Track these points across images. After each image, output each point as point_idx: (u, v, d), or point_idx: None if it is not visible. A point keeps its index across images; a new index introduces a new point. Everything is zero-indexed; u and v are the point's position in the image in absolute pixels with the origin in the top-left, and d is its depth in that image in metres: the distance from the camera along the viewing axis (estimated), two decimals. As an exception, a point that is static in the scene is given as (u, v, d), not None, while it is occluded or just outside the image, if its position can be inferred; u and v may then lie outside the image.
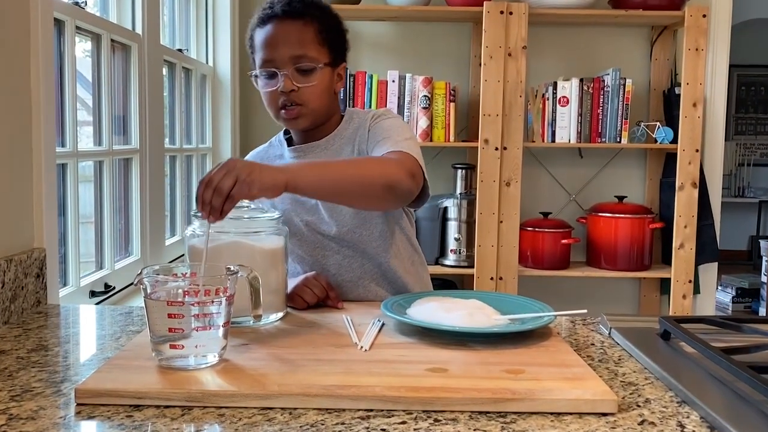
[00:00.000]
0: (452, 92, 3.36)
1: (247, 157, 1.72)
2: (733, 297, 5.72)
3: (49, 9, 1.69)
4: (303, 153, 1.66)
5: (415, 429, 0.93)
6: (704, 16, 3.25)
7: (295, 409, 0.99)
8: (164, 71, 2.81)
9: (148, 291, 1.12)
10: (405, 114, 3.35)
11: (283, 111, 1.58)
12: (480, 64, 3.32)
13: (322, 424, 0.94)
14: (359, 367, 1.11)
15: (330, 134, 1.66)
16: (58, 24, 1.99)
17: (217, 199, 1.17)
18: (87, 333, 1.44)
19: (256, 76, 1.61)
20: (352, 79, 3.34)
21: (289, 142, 1.72)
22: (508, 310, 1.40)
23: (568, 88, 3.38)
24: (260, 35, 1.57)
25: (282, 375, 1.07)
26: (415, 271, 1.73)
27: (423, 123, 3.35)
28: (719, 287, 5.62)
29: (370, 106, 3.31)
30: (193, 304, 1.09)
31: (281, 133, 1.75)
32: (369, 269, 1.66)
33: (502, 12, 3.24)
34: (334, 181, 1.35)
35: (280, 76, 1.54)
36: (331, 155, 1.64)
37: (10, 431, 0.91)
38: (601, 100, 3.38)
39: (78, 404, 1.00)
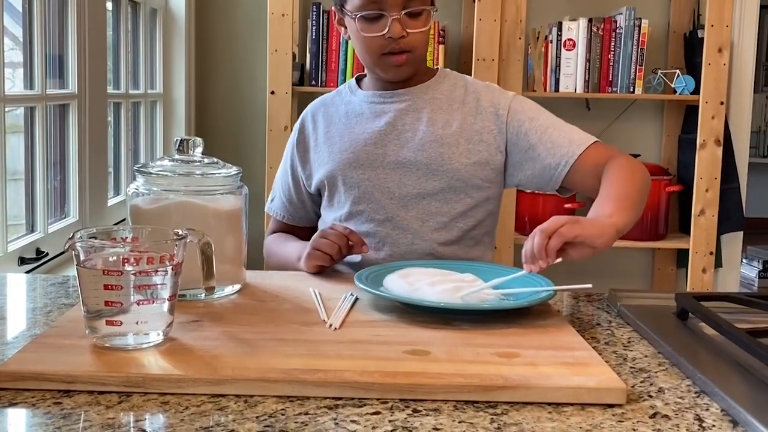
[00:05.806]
0: (441, 33, 3.33)
1: (312, 105, 1.79)
2: (759, 271, 5.76)
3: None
4: (384, 99, 1.71)
5: (390, 420, 0.92)
6: (733, -53, 3.23)
7: (252, 396, 0.98)
8: (108, 5, 2.77)
9: (81, 258, 1.10)
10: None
11: (388, 57, 1.62)
12: (474, 1, 3.28)
13: (282, 414, 0.93)
14: (327, 349, 1.11)
15: (420, 84, 1.71)
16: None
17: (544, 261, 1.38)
18: (14, 306, 1.43)
19: (345, 15, 1.63)
20: (326, 16, 3.30)
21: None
22: (500, 284, 1.39)
23: (575, 30, 3.36)
24: None
25: (237, 357, 1.07)
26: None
27: (408, 68, 3.32)
28: (744, 260, 5.66)
29: (346, 47, 3.27)
30: (133, 274, 1.08)
31: (352, 81, 1.79)
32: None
33: (500, -60, 3.20)
34: (635, 207, 1.51)
35: (390, 20, 1.57)
36: (420, 106, 1.69)
37: None
38: (613, 43, 3.36)
39: (-2, 389, 0.99)
